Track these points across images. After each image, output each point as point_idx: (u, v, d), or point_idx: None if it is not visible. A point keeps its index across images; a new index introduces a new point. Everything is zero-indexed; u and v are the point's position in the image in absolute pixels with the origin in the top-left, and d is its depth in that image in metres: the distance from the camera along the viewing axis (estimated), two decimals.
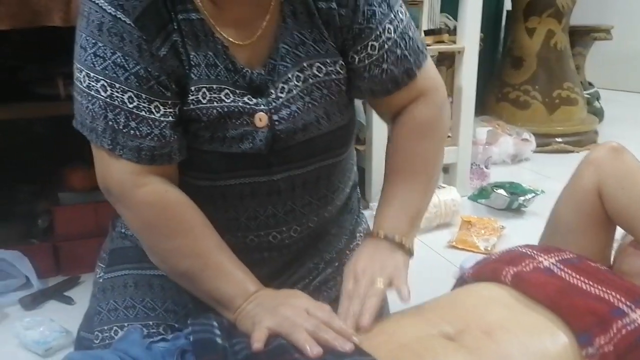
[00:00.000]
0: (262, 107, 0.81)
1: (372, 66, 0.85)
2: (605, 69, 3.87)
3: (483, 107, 2.87)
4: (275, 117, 0.81)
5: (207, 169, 0.84)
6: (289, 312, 0.74)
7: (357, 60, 0.85)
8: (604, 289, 0.72)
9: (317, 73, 0.83)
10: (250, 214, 0.88)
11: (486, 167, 2.17)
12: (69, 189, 1.54)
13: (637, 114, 3.50)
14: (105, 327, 0.90)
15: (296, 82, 0.82)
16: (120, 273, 0.94)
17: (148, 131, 0.77)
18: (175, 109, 0.79)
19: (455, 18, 2.12)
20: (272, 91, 0.82)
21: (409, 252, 0.87)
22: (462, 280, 0.90)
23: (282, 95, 0.82)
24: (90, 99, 0.76)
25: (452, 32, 2.13)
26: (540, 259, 0.82)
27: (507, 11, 3.17)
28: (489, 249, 1.64)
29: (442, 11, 2.49)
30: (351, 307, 0.77)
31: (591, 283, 0.74)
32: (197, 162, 0.83)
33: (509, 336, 0.67)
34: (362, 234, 1.05)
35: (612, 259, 0.95)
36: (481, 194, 2.03)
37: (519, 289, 0.76)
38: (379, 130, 1.88)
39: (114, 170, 0.79)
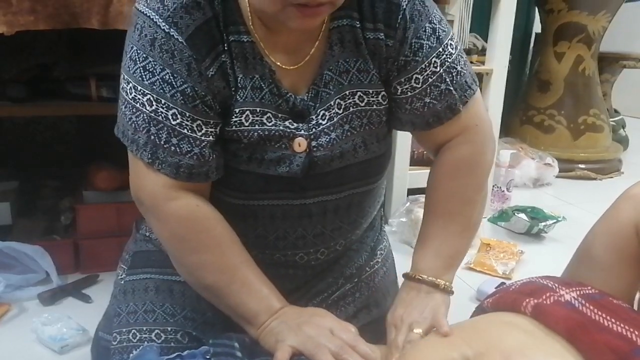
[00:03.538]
0: (303, 132, 0.82)
1: (415, 99, 0.85)
2: (633, 97, 3.83)
3: (507, 130, 2.85)
4: (314, 144, 0.82)
5: (241, 187, 0.85)
6: (313, 331, 0.74)
7: (399, 91, 0.85)
8: (626, 327, 0.70)
9: (358, 102, 0.83)
10: (280, 234, 0.88)
11: (508, 189, 2.16)
12: (94, 188, 1.55)
13: None
14: (124, 330, 0.91)
15: (337, 110, 0.82)
16: (142, 276, 0.95)
17: (188, 149, 0.78)
18: (217, 129, 0.80)
19: (485, 38, 2.11)
20: (313, 117, 0.82)
21: (448, 292, 0.88)
22: (481, 309, 0.89)
23: (323, 122, 0.82)
24: (134, 111, 0.77)
25: (481, 52, 2.13)
26: (562, 292, 0.81)
27: (536, 34, 3.15)
28: (507, 273, 1.62)
29: (471, 31, 2.49)
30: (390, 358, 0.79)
31: (613, 320, 0.73)
32: (232, 180, 0.84)
33: None
34: (383, 251, 1.06)
35: (637, 298, 0.94)
36: (501, 216, 2.01)
37: (539, 320, 0.75)
38: (401, 146, 1.88)
39: (148, 182, 0.80)
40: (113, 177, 1.55)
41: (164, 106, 0.76)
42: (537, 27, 3.11)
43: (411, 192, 1.96)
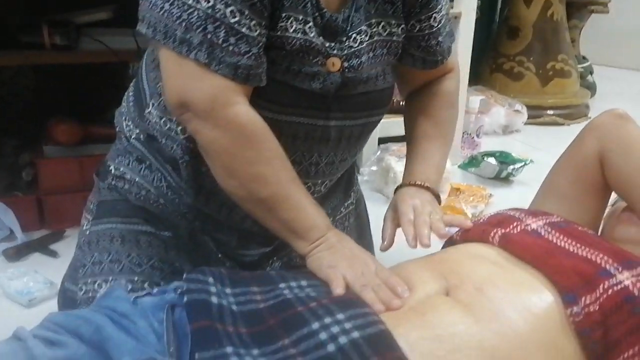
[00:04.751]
0: (336, 52, 0.83)
1: (431, 37, 0.92)
2: (600, 45, 3.85)
3: (477, 78, 2.84)
4: (346, 64, 0.84)
5: (274, 99, 0.83)
6: (364, 268, 0.75)
7: (417, 28, 0.91)
8: (592, 251, 0.72)
9: (381, 32, 0.88)
10: (297, 158, 0.88)
11: (477, 136, 2.17)
12: (54, 142, 1.50)
13: (629, 91, 3.50)
14: (89, 280, 0.89)
15: (365, 36, 0.85)
16: (108, 226, 0.93)
17: (247, 49, 0.75)
18: (267, 32, 0.78)
19: None
20: (345, 39, 0.84)
21: (438, 197, 0.98)
22: (451, 242, 0.90)
23: (355, 45, 0.85)
24: (186, 8, 0.73)
25: None
26: (528, 221, 0.82)
27: None
28: (477, 215, 1.64)
29: None
30: (414, 230, 0.87)
31: (579, 245, 0.74)
32: (266, 90, 0.81)
33: (499, 292, 0.67)
34: (355, 194, 1.11)
35: (601, 226, 0.95)
36: (471, 162, 2.03)
37: (507, 249, 0.76)
38: None
39: (204, 85, 0.75)
40: (73, 130, 1.50)
41: (222, 3, 0.73)
42: None
43: (382, 141, 1.95)
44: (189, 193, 0.91)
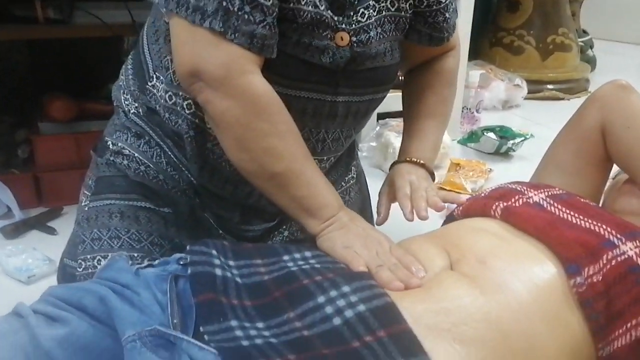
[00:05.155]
0: (344, 26, 0.82)
1: (439, 13, 0.92)
2: (600, 19, 3.81)
3: (477, 53, 2.81)
4: (354, 39, 0.83)
5: (283, 72, 0.81)
6: (378, 248, 0.74)
7: (425, 4, 0.90)
8: (595, 222, 0.71)
9: (389, 7, 0.87)
10: (305, 134, 0.86)
11: (477, 111, 2.15)
12: (49, 119, 1.49)
13: (629, 65, 3.47)
14: (89, 256, 0.89)
15: (373, 11, 0.84)
16: (106, 202, 0.92)
17: (261, 18, 0.73)
18: (279, 3, 0.76)
19: None
20: (352, 13, 0.83)
21: (433, 174, 0.99)
22: (452, 218, 0.89)
23: (362, 20, 0.83)
24: None
25: None
26: (530, 194, 0.81)
27: None
28: (477, 190, 1.64)
29: None
30: (411, 204, 0.89)
31: (581, 217, 0.73)
32: (276, 62, 0.79)
33: (502, 264, 0.67)
34: (356, 168, 1.11)
35: (602, 199, 0.95)
36: (471, 137, 2.02)
37: (509, 222, 0.76)
38: None
39: (219, 53, 0.74)
40: (69, 106, 1.49)
41: None
42: None
43: (380, 116, 1.94)
44: (192, 169, 0.90)
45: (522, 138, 1.93)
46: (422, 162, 0.96)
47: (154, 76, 0.87)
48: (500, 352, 0.59)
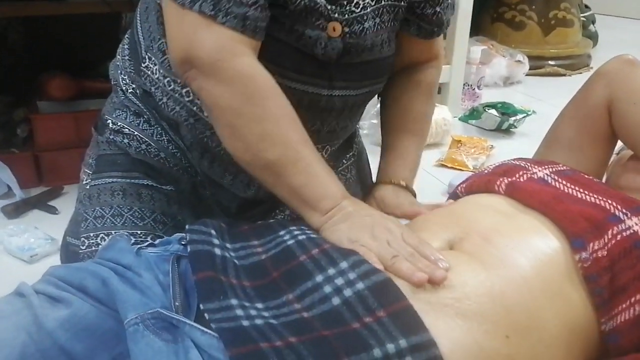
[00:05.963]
0: (337, 16, 0.80)
1: (427, 5, 0.89)
2: None
3: (478, 28, 2.78)
4: (347, 30, 0.80)
5: (277, 60, 0.78)
6: (388, 236, 0.67)
7: None
8: (600, 197, 0.71)
9: None
10: None
11: (478, 87, 2.14)
12: (48, 98, 1.48)
13: (632, 40, 3.44)
14: (92, 234, 0.89)
15: (369, 1, 0.82)
16: (108, 180, 0.91)
17: (253, 0, 0.71)
18: None
19: None
20: (346, 3, 0.80)
21: (415, 194, 0.96)
22: (455, 195, 0.89)
23: (356, 10, 0.81)
24: None
25: None
26: (535, 170, 0.80)
27: None
28: (478, 167, 1.63)
29: None
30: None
31: (586, 192, 0.73)
32: (269, 49, 0.77)
33: (505, 239, 0.66)
34: (357, 145, 1.09)
35: (605, 175, 0.94)
36: (472, 114, 2.01)
37: (513, 197, 0.75)
38: None
39: (209, 37, 0.71)
40: (67, 85, 1.48)
41: None
42: None
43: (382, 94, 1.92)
44: (192, 156, 0.89)
45: (524, 114, 1.92)
46: (405, 184, 0.93)
47: (147, 57, 0.86)
48: (503, 327, 0.58)
